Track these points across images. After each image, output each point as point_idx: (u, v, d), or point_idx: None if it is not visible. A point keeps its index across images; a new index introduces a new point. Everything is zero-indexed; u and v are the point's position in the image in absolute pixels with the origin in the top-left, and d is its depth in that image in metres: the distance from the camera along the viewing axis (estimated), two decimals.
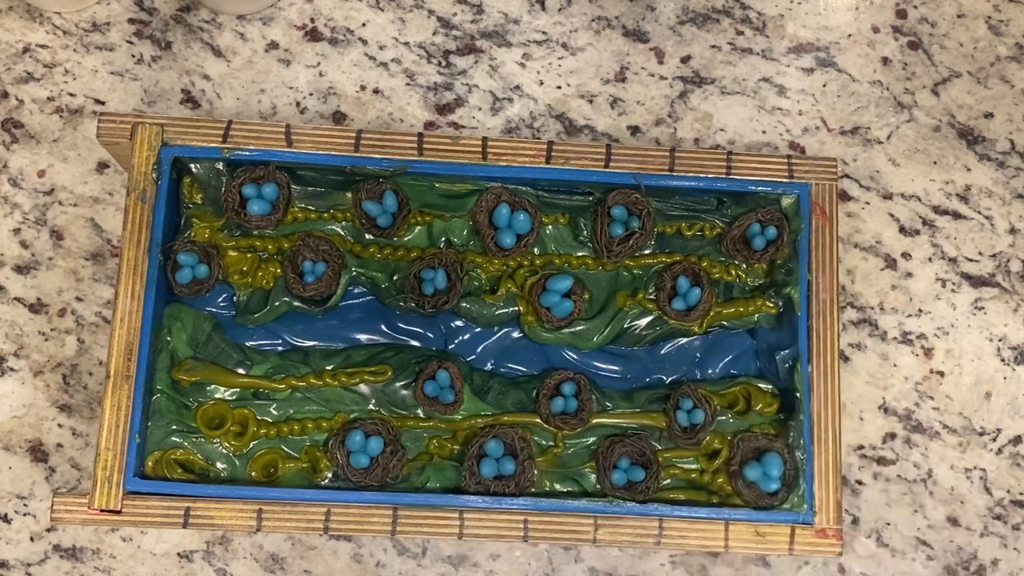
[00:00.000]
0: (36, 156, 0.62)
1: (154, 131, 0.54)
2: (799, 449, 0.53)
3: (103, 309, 0.61)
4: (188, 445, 0.54)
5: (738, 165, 0.55)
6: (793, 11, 0.66)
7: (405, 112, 0.64)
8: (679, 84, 0.65)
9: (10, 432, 0.60)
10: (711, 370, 0.57)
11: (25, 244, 0.62)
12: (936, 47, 0.66)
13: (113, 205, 0.62)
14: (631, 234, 0.55)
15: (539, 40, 0.65)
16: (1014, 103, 0.66)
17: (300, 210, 0.56)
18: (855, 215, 0.64)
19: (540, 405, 0.54)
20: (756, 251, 0.55)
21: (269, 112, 0.63)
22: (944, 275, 0.63)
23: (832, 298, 0.54)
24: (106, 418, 0.51)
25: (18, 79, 0.63)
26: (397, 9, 0.65)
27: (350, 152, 0.54)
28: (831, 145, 0.65)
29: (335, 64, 0.64)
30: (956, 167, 0.65)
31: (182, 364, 0.54)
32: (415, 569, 0.59)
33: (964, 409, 0.62)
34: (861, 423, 0.62)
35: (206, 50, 0.64)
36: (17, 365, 0.60)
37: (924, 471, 0.61)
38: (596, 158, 0.55)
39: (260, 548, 0.59)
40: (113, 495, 0.51)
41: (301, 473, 0.54)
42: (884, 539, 0.61)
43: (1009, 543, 0.61)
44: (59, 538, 0.59)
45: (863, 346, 0.62)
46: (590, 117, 0.64)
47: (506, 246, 0.55)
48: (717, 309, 0.56)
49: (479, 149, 0.54)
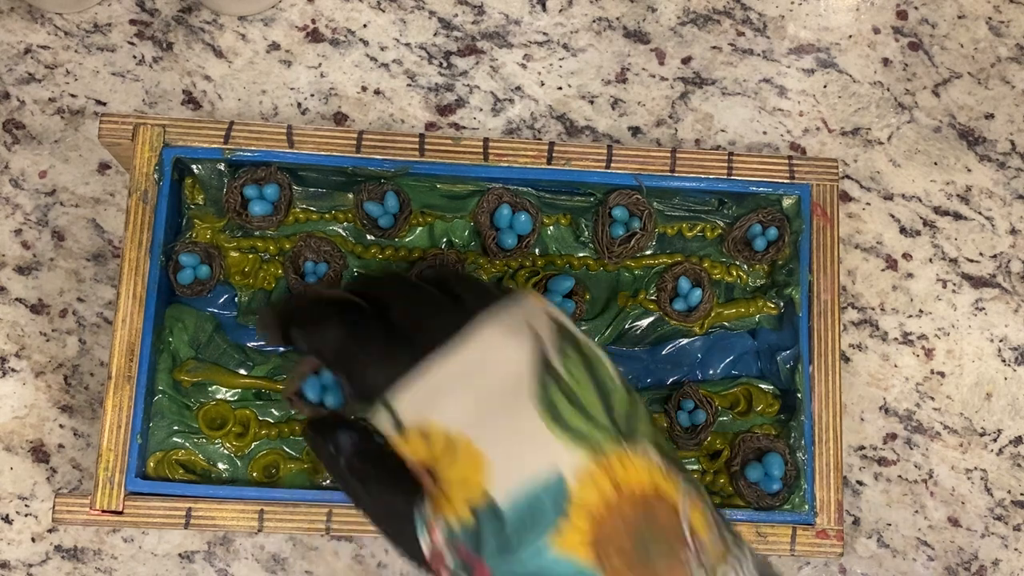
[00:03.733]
0: (37, 157, 0.62)
1: (156, 132, 0.54)
2: (800, 450, 0.53)
3: (104, 310, 0.61)
4: (190, 446, 0.54)
5: (739, 166, 0.55)
6: (794, 12, 0.67)
7: (406, 113, 0.64)
8: (680, 85, 0.65)
9: (11, 433, 0.60)
10: (712, 371, 0.57)
11: (27, 245, 0.62)
12: (937, 48, 0.66)
13: (114, 206, 0.62)
14: (632, 235, 0.55)
15: (540, 41, 0.65)
16: (1015, 104, 0.66)
17: (302, 211, 0.56)
18: (856, 216, 0.64)
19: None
20: (757, 252, 0.55)
21: (270, 113, 0.63)
22: (945, 276, 0.63)
23: (833, 299, 0.54)
24: (107, 419, 0.51)
25: (19, 80, 0.63)
26: (398, 10, 0.65)
27: (351, 153, 0.54)
28: (832, 146, 0.65)
29: (336, 65, 0.64)
30: (957, 168, 0.65)
31: (184, 365, 0.54)
32: (416, 570, 0.59)
33: (965, 410, 0.62)
34: (862, 424, 0.62)
35: (207, 51, 0.64)
36: (18, 366, 0.60)
37: (925, 472, 0.61)
38: (597, 159, 0.55)
39: (261, 549, 0.59)
40: (114, 496, 0.51)
41: (302, 474, 0.54)
42: (885, 540, 0.61)
43: (1010, 544, 0.61)
44: (60, 539, 0.59)
45: (864, 347, 0.62)
46: (591, 118, 0.64)
47: (507, 247, 0.55)
48: (718, 310, 0.56)
49: (480, 150, 0.54)
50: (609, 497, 0.36)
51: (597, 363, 0.39)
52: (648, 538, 0.36)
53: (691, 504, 0.37)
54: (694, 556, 0.36)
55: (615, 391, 0.38)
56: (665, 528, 0.36)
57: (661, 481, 0.37)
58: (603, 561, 0.36)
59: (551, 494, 0.36)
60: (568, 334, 0.39)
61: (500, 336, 0.37)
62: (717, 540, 0.37)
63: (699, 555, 0.36)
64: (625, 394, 0.38)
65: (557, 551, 0.36)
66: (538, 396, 0.36)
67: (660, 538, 0.36)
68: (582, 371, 0.38)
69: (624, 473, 0.37)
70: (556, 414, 0.36)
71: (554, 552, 0.36)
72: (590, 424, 0.37)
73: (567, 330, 0.39)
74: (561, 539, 0.36)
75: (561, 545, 0.36)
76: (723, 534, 0.38)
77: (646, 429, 0.38)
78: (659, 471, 0.37)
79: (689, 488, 0.37)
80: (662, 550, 0.36)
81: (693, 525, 0.37)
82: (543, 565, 0.36)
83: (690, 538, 0.36)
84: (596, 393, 0.37)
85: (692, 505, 0.37)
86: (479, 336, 0.37)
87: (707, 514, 0.38)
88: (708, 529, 0.37)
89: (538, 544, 0.36)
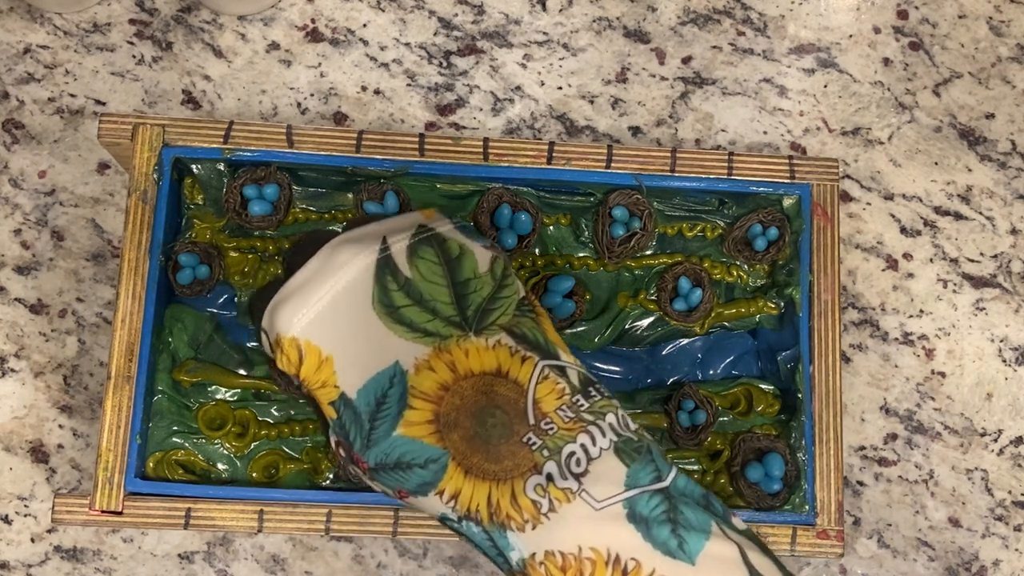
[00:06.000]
0: (37, 157, 0.62)
1: (155, 132, 0.54)
2: (800, 450, 0.53)
3: (104, 310, 0.61)
4: (189, 446, 0.54)
5: (739, 166, 0.55)
6: (794, 12, 0.66)
7: (406, 113, 0.64)
8: (680, 85, 0.65)
9: (11, 433, 0.60)
10: (712, 371, 0.57)
11: (26, 245, 0.62)
12: (937, 48, 0.66)
13: (114, 206, 0.62)
14: (632, 235, 0.55)
15: (540, 41, 0.65)
16: (1015, 104, 0.66)
17: (301, 211, 0.56)
18: (856, 216, 0.64)
19: None
20: (757, 252, 0.55)
21: (270, 113, 0.63)
22: (945, 276, 0.63)
23: (833, 299, 0.54)
24: (107, 419, 0.51)
25: (19, 80, 0.63)
26: (398, 10, 0.65)
27: (351, 153, 0.54)
28: (832, 146, 0.65)
29: (336, 65, 0.64)
30: (957, 168, 0.65)
31: (183, 365, 0.54)
32: (416, 570, 0.59)
33: (965, 410, 0.62)
34: (862, 424, 0.62)
35: (207, 51, 0.64)
36: (18, 366, 0.60)
37: (925, 472, 0.61)
38: (597, 159, 0.55)
39: (261, 549, 0.59)
40: (114, 496, 0.51)
41: (302, 474, 0.54)
42: (885, 540, 0.61)
43: (1011, 544, 0.61)
44: (60, 539, 0.59)
45: (864, 347, 0.62)
46: (591, 118, 0.64)
47: (507, 247, 0.55)
48: (718, 310, 0.56)
49: (480, 150, 0.54)
50: (445, 380, 0.40)
51: (464, 259, 0.42)
52: (486, 415, 0.39)
53: (545, 383, 0.40)
54: (535, 432, 0.39)
55: (476, 283, 0.42)
56: (504, 405, 0.40)
57: (507, 362, 0.40)
58: (444, 440, 0.40)
59: (393, 384, 0.40)
60: (434, 237, 0.42)
61: (344, 250, 0.41)
62: (572, 418, 0.40)
63: (542, 431, 0.39)
64: (490, 285, 0.42)
65: (406, 435, 0.40)
66: (377, 298, 0.41)
67: (498, 415, 0.39)
68: (436, 270, 0.41)
69: (464, 358, 0.40)
70: (395, 313, 0.41)
71: (404, 437, 0.40)
72: (432, 318, 0.41)
73: (435, 234, 0.42)
74: (406, 424, 0.40)
75: (407, 429, 0.40)
76: (583, 415, 0.40)
77: (505, 319, 0.42)
78: (507, 352, 0.41)
79: (551, 370, 0.40)
80: (499, 426, 0.39)
81: (539, 401, 0.40)
82: (400, 450, 0.40)
83: (532, 414, 0.39)
84: (448, 289, 0.41)
85: (546, 383, 0.40)
86: (323, 254, 0.41)
87: (565, 392, 0.40)
88: (561, 406, 0.40)
89: (391, 432, 0.40)
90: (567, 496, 0.38)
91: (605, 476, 0.39)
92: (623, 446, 0.39)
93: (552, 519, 0.38)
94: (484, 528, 0.40)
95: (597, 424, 0.40)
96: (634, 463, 0.39)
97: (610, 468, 0.39)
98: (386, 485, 0.41)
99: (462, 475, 0.40)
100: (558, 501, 0.38)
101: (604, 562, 0.38)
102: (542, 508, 0.38)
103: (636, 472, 0.39)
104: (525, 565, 0.39)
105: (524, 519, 0.39)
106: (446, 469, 0.40)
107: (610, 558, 0.38)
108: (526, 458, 0.39)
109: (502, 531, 0.39)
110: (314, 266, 0.41)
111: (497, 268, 0.43)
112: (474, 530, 0.40)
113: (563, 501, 0.38)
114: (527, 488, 0.39)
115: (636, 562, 0.38)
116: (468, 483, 0.39)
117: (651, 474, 0.39)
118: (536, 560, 0.38)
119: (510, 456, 0.39)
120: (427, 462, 0.40)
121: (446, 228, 0.43)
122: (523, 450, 0.39)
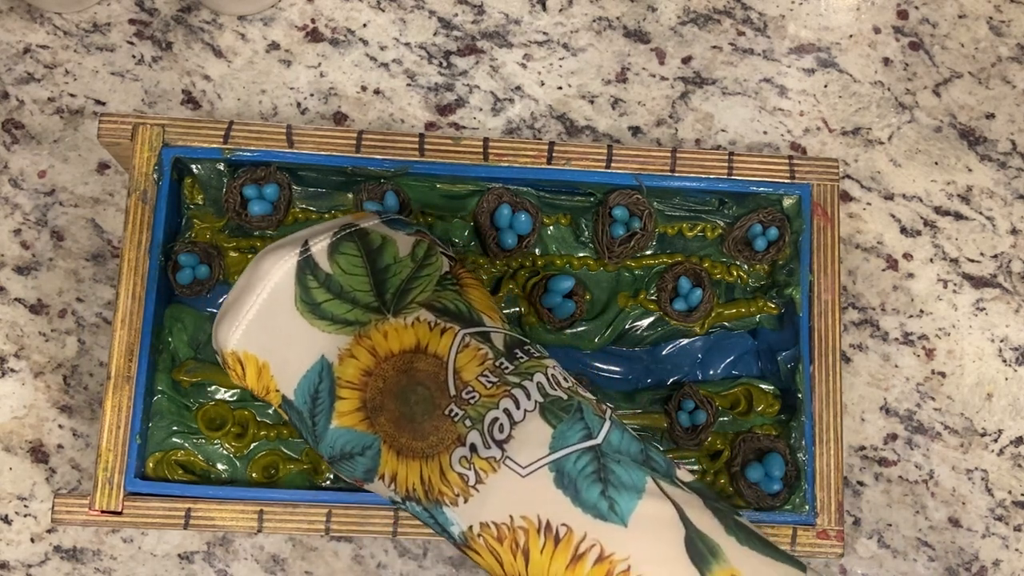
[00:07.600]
0: (37, 157, 0.62)
1: (155, 132, 0.54)
2: (801, 450, 0.53)
3: (104, 310, 0.61)
4: (189, 446, 0.54)
5: (739, 166, 0.55)
6: (794, 12, 0.66)
7: (406, 113, 0.64)
8: (680, 85, 0.65)
9: (10, 433, 0.60)
10: (713, 371, 0.57)
11: (26, 245, 0.61)
12: (937, 48, 0.66)
13: (114, 206, 0.62)
14: (632, 235, 0.55)
15: (540, 41, 0.65)
16: (1015, 104, 0.66)
17: (301, 211, 0.56)
18: (856, 216, 0.64)
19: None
20: (757, 252, 0.55)
21: (270, 113, 0.63)
22: (945, 276, 0.63)
23: (834, 299, 0.54)
24: (107, 419, 0.51)
25: (18, 80, 0.63)
26: (398, 10, 0.65)
27: (351, 153, 0.54)
28: (832, 146, 0.64)
29: (336, 65, 0.64)
30: (957, 168, 0.65)
31: (183, 365, 0.54)
32: (416, 570, 0.59)
33: (965, 410, 0.62)
34: (862, 424, 0.62)
35: (207, 51, 0.64)
36: (17, 366, 0.60)
37: (925, 472, 0.61)
38: (597, 159, 0.55)
39: (261, 549, 0.59)
40: (114, 496, 0.50)
41: (302, 474, 0.54)
42: (885, 540, 0.61)
43: (1011, 544, 0.61)
44: (59, 539, 0.59)
45: (864, 347, 0.62)
46: (591, 118, 0.64)
47: (507, 247, 0.55)
48: (718, 310, 0.56)
49: (480, 150, 0.54)
50: (367, 365, 0.40)
51: (385, 248, 0.42)
52: (409, 393, 0.39)
53: (466, 351, 0.40)
54: (456, 402, 0.39)
55: (396, 268, 0.42)
56: (425, 380, 0.40)
57: (426, 336, 0.40)
58: (374, 425, 0.40)
59: (322, 378, 0.40)
60: (356, 233, 0.42)
61: (267, 259, 0.42)
62: (495, 382, 0.39)
63: (463, 401, 0.39)
64: (410, 267, 0.42)
65: (340, 426, 0.40)
66: (299, 297, 0.41)
67: (420, 391, 0.39)
68: (356, 262, 0.42)
69: (383, 340, 0.40)
70: (316, 309, 0.41)
71: (340, 428, 0.40)
72: (351, 307, 0.41)
73: (358, 230, 0.43)
74: (339, 415, 0.40)
75: (340, 420, 0.40)
76: (507, 378, 0.40)
77: (424, 295, 0.42)
78: (425, 328, 0.41)
79: (472, 338, 0.40)
80: (422, 402, 0.39)
81: (460, 370, 0.40)
82: (340, 441, 0.40)
83: (453, 384, 0.39)
84: (369, 278, 0.41)
85: (466, 352, 0.40)
86: (250, 267, 0.42)
87: (488, 357, 0.40)
88: (483, 372, 0.40)
89: (328, 425, 0.40)
90: (492, 465, 0.38)
91: (529, 439, 0.38)
92: (550, 406, 0.39)
93: (481, 491, 0.38)
94: (424, 507, 0.40)
95: (523, 386, 0.39)
96: (561, 423, 0.38)
97: (535, 430, 0.38)
98: (344, 476, 0.42)
99: (395, 457, 0.39)
100: (483, 472, 0.38)
101: (536, 530, 0.37)
102: (469, 480, 0.38)
103: (563, 432, 0.38)
104: (466, 539, 0.39)
105: (455, 493, 0.38)
106: (380, 453, 0.40)
107: (541, 525, 0.37)
108: (449, 431, 0.39)
109: (439, 507, 0.39)
110: (242, 281, 0.42)
111: (419, 250, 0.43)
112: (417, 510, 0.40)
113: (488, 471, 0.38)
114: (453, 462, 0.38)
115: (567, 527, 0.37)
116: (402, 464, 0.39)
117: (579, 432, 0.38)
118: (474, 533, 0.38)
119: (434, 431, 0.39)
120: (364, 449, 0.40)
121: (371, 223, 0.43)
122: (446, 423, 0.39)
